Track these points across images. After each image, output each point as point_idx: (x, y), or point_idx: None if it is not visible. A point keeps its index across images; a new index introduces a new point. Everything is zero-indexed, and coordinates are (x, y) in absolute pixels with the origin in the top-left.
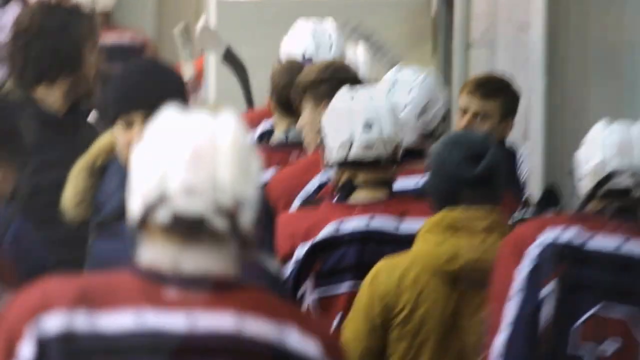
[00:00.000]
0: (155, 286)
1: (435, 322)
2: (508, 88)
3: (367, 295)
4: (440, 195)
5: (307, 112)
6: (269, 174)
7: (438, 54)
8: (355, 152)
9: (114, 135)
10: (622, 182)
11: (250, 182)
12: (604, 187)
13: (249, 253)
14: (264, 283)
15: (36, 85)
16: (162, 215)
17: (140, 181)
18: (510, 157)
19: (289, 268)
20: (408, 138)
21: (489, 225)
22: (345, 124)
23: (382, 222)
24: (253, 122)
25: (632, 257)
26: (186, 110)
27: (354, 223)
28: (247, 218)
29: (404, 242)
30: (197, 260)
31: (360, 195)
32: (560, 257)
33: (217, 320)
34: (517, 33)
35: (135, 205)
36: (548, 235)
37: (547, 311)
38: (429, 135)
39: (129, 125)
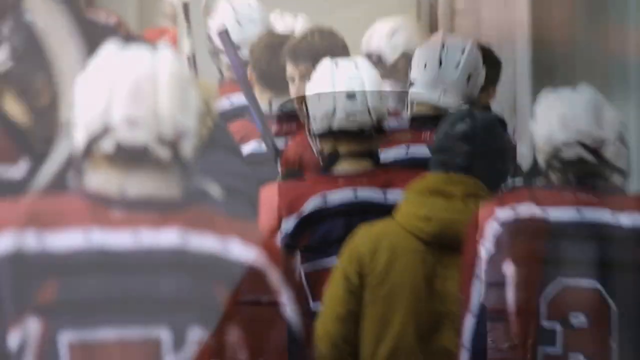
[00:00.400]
0: (102, 208)
1: (408, 284)
2: (489, 56)
3: (345, 258)
4: (431, 160)
5: None
6: (252, 145)
7: (422, 23)
8: (338, 122)
9: None
10: (572, 152)
11: (190, 112)
12: (555, 161)
13: (190, 179)
14: None
15: None
16: (106, 146)
17: (83, 113)
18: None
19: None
20: (453, 100)
21: (469, 191)
22: (328, 94)
23: (369, 193)
24: (225, 90)
25: (592, 226)
26: (125, 45)
27: (341, 194)
28: (188, 147)
29: (391, 212)
30: (141, 185)
31: (344, 166)
32: (520, 232)
33: (162, 237)
34: (503, 2)
35: (78, 136)
36: (506, 212)
37: (511, 287)
38: (469, 102)
39: None
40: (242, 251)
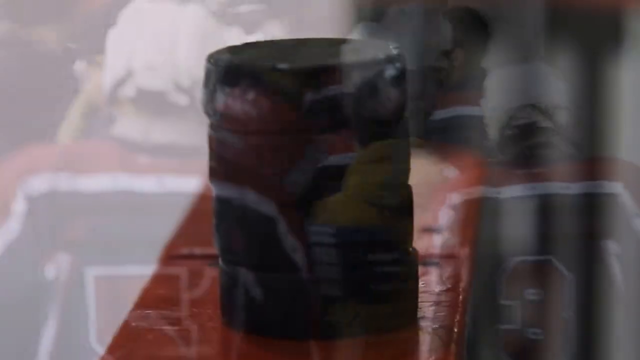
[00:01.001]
0: (129, 153)
1: None
2: (475, 17)
3: None
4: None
5: None
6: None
7: None
8: None
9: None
10: (526, 115)
11: None
12: (509, 129)
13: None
14: None
15: (34, 26)
16: (128, 90)
17: (111, 59)
18: None
19: None
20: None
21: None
22: None
23: None
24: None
25: (542, 198)
26: None
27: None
28: None
29: None
30: (164, 132)
31: None
32: (470, 212)
33: (184, 183)
34: None
35: (105, 81)
36: (456, 196)
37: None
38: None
39: None
40: (257, 200)
